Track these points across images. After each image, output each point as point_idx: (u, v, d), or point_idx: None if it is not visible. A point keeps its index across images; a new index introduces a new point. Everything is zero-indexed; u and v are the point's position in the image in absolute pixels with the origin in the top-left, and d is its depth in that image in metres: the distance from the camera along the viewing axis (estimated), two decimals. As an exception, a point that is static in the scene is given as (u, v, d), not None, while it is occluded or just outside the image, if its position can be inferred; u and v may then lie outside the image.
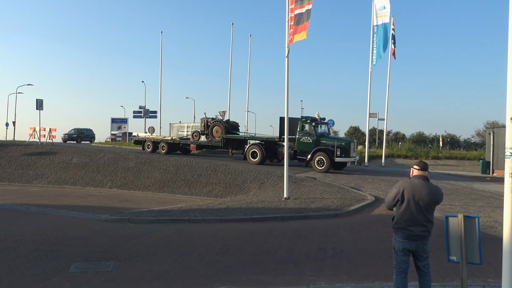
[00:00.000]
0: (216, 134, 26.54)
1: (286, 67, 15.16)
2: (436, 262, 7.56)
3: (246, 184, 18.85)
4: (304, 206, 13.28)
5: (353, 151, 22.18)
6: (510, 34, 4.75)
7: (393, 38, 27.77)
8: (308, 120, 22.74)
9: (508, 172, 4.81)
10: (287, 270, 7.42)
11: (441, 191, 5.16)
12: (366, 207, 13.53)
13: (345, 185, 17.83)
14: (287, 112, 15.41)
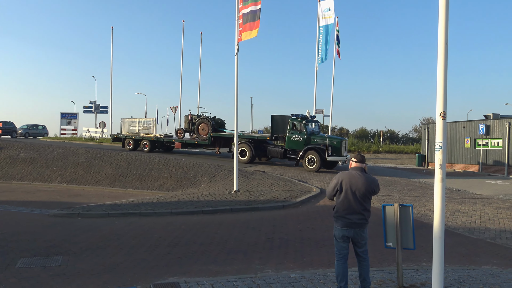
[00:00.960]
0: (203, 131, 25.67)
1: (236, 64, 15.46)
2: (375, 248, 8.11)
3: (197, 178, 19.03)
4: (253, 199, 13.66)
5: (344, 149, 21.78)
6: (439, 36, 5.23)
7: (337, 39, 28.81)
8: (299, 118, 22.13)
9: (438, 164, 5.30)
10: (236, 259, 7.74)
11: (377, 182, 5.59)
12: (312, 198, 14.10)
13: (292, 178, 18.40)
14: (236, 109, 15.69)
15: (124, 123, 43.99)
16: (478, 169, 29.02)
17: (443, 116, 5.18)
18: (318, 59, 28.15)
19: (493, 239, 9.86)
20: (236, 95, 15.65)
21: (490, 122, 29.57)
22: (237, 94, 15.63)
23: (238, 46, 15.44)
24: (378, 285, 6.08)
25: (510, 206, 14.38)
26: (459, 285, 6.24)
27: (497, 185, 21.11)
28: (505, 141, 27.84)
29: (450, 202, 14.65)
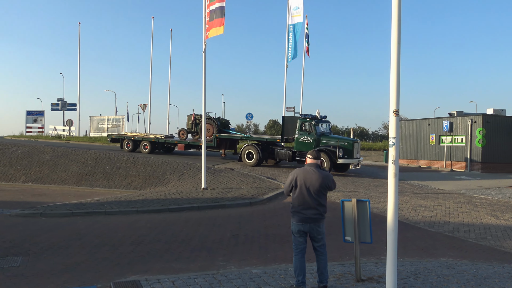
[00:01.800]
0: (207, 132, 23.63)
1: (203, 62, 15.44)
2: (337, 243, 8.29)
3: (166, 176, 18.91)
4: (220, 196, 13.70)
5: (357, 151, 20.29)
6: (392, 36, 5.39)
7: (306, 37, 29.11)
8: (308, 118, 20.79)
9: (391, 160, 5.46)
10: (200, 257, 7.77)
11: (331, 178, 5.71)
12: (279, 195, 14.24)
13: (261, 175, 18.52)
14: (204, 106, 15.66)
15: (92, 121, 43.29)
16: (443, 165, 29.83)
17: (396, 113, 5.34)
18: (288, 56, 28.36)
19: (451, 232, 10.20)
20: (203, 93, 15.62)
21: (454, 119, 30.42)
22: (204, 91, 15.60)
23: (206, 43, 15.41)
24: (337, 279, 6.22)
25: (470, 200, 14.90)
26: (414, 277, 6.45)
27: (459, 181, 21.78)
28: (468, 138, 28.72)
29: (414, 197, 15.06)
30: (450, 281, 6.27)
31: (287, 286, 5.80)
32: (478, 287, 6.06)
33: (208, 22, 14.94)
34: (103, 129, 41.88)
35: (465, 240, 9.53)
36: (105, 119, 43.07)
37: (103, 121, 42.91)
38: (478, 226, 10.87)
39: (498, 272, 6.88)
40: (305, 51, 29.98)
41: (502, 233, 10.13)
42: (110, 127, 41.79)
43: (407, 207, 13.12)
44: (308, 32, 29.72)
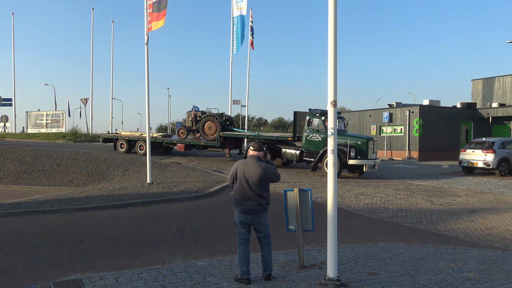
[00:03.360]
0: (209, 131, 21.83)
1: (146, 54, 15.16)
2: (282, 233, 8.45)
3: (110, 172, 18.44)
4: (166, 190, 13.55)
5: (372, 151, 17.83)
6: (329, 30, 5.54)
7: (251, 30, 29.19)
8: (317, 113, 18.52)
9: (330, 149, 5.64)
10: (145, 252, 7.68)
11: (272, 169, 5.72)
12: (226, 188, 14.28)
13: (208, 169, 18.50)
14: (148, 100, 15.37)
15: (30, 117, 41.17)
16: (384, 154, 31.05)
17: (334, 104, 5.52)
18: (233, 49, 28.38)
19: (390, 218, 10.68)
20: (147, 86, 15.33)
21: (393, 110, 31.70)
22: (148, 84, 15.32)
23: (148, 36, 15.12)
24: (281, 267, 6.36)
25: (408, 187, 15.65)
26: (355, 261, 6.72)
27: (398, 169, 22.76)
28: (406, 128, 30.06)
29: (356, 186, 15.60)
30: (387, 264, 6.59)
31: (232, 276, 5.86)
32: (413, 267, 6.41)
33: (150, 14, 14.64)
34: (42, 125, 39.95)
35: (402, 224, 10.01)
36: (43, 115, 41.09)
37: (41, 116, 40.92)
38: (414, 211, 11.45)
39: (431, 253, 7.30)
40: (250, 44, 30.08)
41: (436, 217, 10.73)
42: (50, 122, 39.93)
43: (349, 195, 13.58)
44: (253, 25, 29.82)
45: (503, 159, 19.93)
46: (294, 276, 5.92)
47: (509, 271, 6.32)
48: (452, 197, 13.69)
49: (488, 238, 8.76)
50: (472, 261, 6.85)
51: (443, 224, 10.03)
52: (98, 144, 28.22)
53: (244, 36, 28.09)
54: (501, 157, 19.85)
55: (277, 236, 8.46)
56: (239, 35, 27.40)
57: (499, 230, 9.40)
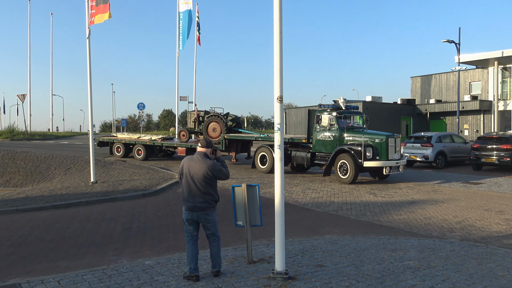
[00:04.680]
0: (214, 133, 19.74)
1: (88, 49, 14.60)
2: (231, 228, 8.46)
3: (51, 171, 17.67)
4: (111, 189, 13.16)
5: (394, 151, 15.43)
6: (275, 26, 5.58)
7: (197, 25, 28.91)
8: (328, 109, 16.36)
9: (277, 145, 5.70)
10: (89, 253, 7.42)
11: (217, 167, 5.64)
12: (173, 185, 14.10)
13: (155, 166, 18.18)
14: (90, 97, 14.82)
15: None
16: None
17: (280, 100, 5.58)
18: (179, 45, 27.95)
19: (336, 211, 10.96)
20: (89, 82, 14.78)
21: (338, 106, 32.57)
22: (90, 80, 14.78)
23: (90, 29, 14.58)
24: (230, 262, 6.36)
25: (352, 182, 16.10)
26: (302, 254, 6.84)
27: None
28: (351, 123, 30.99)
29: (303, 181, 15.88)
30: (333, 255, 6.76)
31: (180, 274, 5.80)
32: (358, 258, 6.62)
33: (93, 7, 14.12)
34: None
35: (347, 217, 10.30)
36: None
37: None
38: (359, 204, 11.82)
39: (375, 244, 7.57)
40: (197, 40, 29.81)
41: (379, 209, 11.13)
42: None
43: (296, 190, 13.80)
44: (199, 20, 29.55)
45: (440, 153, 20.99)
46: (243, 271, 5.95)
47: (445, 258, 6.67)
48: (394, 189, 14.26)
49: (427, 228, 9.19)
50: (412, 250, 7.17)
51: (386, 215, 10.42)
52: (37, 143, 26.99)
53: (190, 31, 27.77)
54: (438, 151, 20.90)
55: (226, 232, 8.46)
56: (185, 31, 27.05)
57: (437, 220, 9.90)
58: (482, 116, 35.05)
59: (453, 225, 9.43)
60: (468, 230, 9.01)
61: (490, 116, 34.87)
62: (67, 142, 33.11)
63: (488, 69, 36.42)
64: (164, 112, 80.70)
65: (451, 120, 36.56)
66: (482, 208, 11.25)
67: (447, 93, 39.38)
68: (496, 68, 34.89)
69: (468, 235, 8.61)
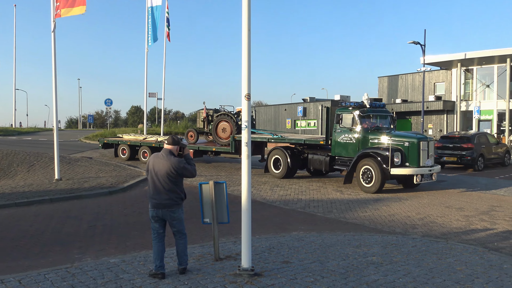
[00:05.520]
0: (224, 133, 18.18)
1: (53, 42, 14.23)
2: (198, 226, 8.44)
3: (13, 168, 17.13)
4: (76, 186, 12.91)
5: (427, 155, 13.59)
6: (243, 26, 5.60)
7: (167, 21, 28.55)
8: (350, 107, 14.57)
9: (244, 142, 5.73)
10: (52, 251, 7.27)
11: (182, 164, 5.59)
12: (141, 182, 13.94)
13: (122, 163, 17.91)
14: (55, 91, 14.46)
15: None
16: (298, 148, 32.18)
17: (248, 98, 5.61)
18: (148, 41, 27.59)
19: (303, 208, 11.09)
20: (54, 76, 14.42)
21: (307, 104, 32.90)
22: (55, 74, 14.41)
23: (55, 23, 14.21)
24: (196, 260, 6.36)
25: (320, 178, 16.33)
26: (269, 251, 6.90)
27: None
28: (319, 122, 31.35)
29: (271, 178, 15.98)
30: (299, 252, 6.85)
31: (146, 272, 5.76)
32: (323, 254, 6.74)
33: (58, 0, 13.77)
34: None
35: (314, 214, 10.45)
36: None
37: None
38: (326, 201, 12.00)
39: (340, 241, 7.71)
40: (166, 36, 29.43)
41: (345, 206, 11.34)
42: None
43: (265, 188, 13.89)
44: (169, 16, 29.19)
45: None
46: (209, 268, 5.96)
47: (407, 254, 6.87)
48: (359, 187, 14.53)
49: (390, 224, 9.43)
50: (376, 246, 7.35)
51: (351, 212, 10.62)
52: None
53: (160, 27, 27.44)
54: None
55: (193, 229, 8.45)
56: (155, 26, 26.70)
57: (400, 217, 10.17)
58: (445, 116, 36.10)
59: (415, 221, 9.71)
60: (430, 226, 9.29)
61: (453, 116, 35.99)
62: (30, 138, 32.20)
63: (451, 71, 37.53)
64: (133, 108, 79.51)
65: (416, 120, 37.53)
66: (443, 205, 11.63)
67: (412, 93, 40.39)
68: (459, 70, 36.01)
69: (430, 231, 8.89)
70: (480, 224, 9.46)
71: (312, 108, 32.15)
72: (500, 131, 32.58)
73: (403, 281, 5.57)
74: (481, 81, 36.03)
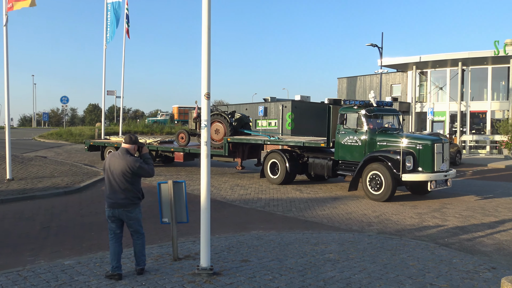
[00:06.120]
0: (217, 135, 16.75)
1: (5, 37, 13.67)
2: (157, 226, 8.36)
3: (-40, 167, 16.32)
4: (30, 187, 12.46)
5: (441, 159, 12.23)
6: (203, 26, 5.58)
7: (127, 18, 28.03)
8: (355, 106, 13.32)
9: (203, 141, 5.71)
10: (3, 254, 7.00)
11: (138, 163, 5.52)
12: (98, 182, 13.63)
13: (78, 163, 17.46)
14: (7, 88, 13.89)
15: None
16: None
17: (207, 97, 5.60)
18: (107, 37, 27.00)
19: (263, 207, 11.17)
20: (6, 73, 13.85)
21: (268, 104, 33.10)
22: (7, 70, 13.85)
23: (7, 16, 13.66)
24: (155, 260, 6.29)
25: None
26: (228, 250, 6.91)
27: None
28: (280, 121, 31.63)
29: (232, 177, 15.99)
30: (259, 251, 6.91)
31: (102, 273, 5.65)
32: (282, 252, 6.82)
33: (12, -8, 13.25)
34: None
35: (274, 213, 10.54)
36: None
37: None
38: (285, 200, 12.13)
39: (299, 239, 7.82)
40: (126, 33, 28.88)
41: (304, 205, 11.50)
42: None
43: (225, 187, 13.88)
44: (129, 13, 28.66)
45: None
46: (168, 268, 5.91)
47: (363, 250, 7.06)
48: (319, 186, 14.78)
49: (348, 222, 9.64)
50: (334, 243, 7.50)
51: (310, 211, 10.78)
52: None
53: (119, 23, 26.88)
54: None
55: (152, 229, 8.35)
56: (114, 22, 26.14)
57: (357, 215, 10.42)
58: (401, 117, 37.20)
59: (371, 219, 9.97)
60: (385, 223, 9.57)
61: (409, 117, 37.17)
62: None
63: (407, 73, 38.75)
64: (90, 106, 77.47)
65: (373, 120, 38.47)
66: (398, 203, 12.00)
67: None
68: (414, 72, 37.24)
69: (385, 228, 9.16)
70: (432, 221, 9.83)
71: (273, 108, 32.40)
72: (452, 132, 33.93)
73: (358, 277, 5.72)
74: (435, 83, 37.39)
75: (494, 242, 8.13)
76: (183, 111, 45.85)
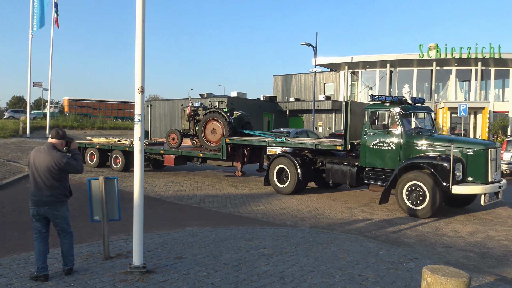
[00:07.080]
0: (213, 136, 14.92)
1: None
2: (87, 224, 8.06)
3: None
4: None
5: (495, 168, 10.15)
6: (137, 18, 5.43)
7: (55, 6, 26.70)
8: (387, 103, 11.21)
9: (137, 136, 5.57)
10: None
11: (65, 159, 5.28)
12: (22, 179, 12.87)
13: (0, 158, 16.36)
14: None
15: None
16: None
17: (141, 91, 5.47)
18: (33, 26, 25.54)
19: (198, 203, 11.10)
20: None
21: (204, 100, 32.87)
22: None
23: None
24: (84, 259, 6.06)
25: (216, 174, 16.47)
26: (162, 247, 6.81)
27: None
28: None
29: (166, 174, 15.76)
30: (193, 247, 6.86)
31: (27, 275, 5.35)
32: (217, 248, 6.82)
33: None
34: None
35: (209, 209, 10.51)
36: None
37: None
38: (221, 196, 12.13)
39: (234, 234, 7.86)
40: (54, 22, 27.48)
41: (240, 201, 11.58)
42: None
43: (159, 183, 13.64)
44: (57, 1, 27.28)
45: None
46: (98, 267, 5.72)
47: (296, 245, 7.23)
48: (254, 182, 14.93)
49: (282, 217, 9.83)
50: (268, 238, 7.62)
51: (245, 207, 10.87)
52: None
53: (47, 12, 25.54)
54: None
55: (82, 227, 8.04)
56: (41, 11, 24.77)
57: (291, 210, 10.65)
58: (334, 115, 38.49)
59: (304, 214, 10.24)
60: (317, 218, 9.87)
61: (341, 115, 38.52)
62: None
63: (340, 73, 40.12)
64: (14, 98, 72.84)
65: (307, 118, 39.49)
66: (330, 198, 12.41)
67: (305, 92, 42.42)
68: (346, 72, 38.63)
69: (317, 222, 9.44)
70: (361, 215, 10.27)
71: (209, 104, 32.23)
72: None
73: (291, 271, 5.86)
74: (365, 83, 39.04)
75: (416, 234, 8.64)
76: (75, 104, 44.51)
